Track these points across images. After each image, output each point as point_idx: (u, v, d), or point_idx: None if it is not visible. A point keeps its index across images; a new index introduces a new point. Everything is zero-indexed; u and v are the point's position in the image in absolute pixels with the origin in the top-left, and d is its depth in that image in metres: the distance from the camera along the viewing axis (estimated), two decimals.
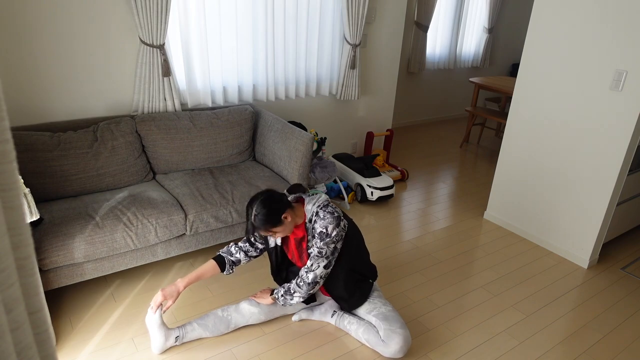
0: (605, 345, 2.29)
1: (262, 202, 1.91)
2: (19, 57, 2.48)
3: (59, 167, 2.43)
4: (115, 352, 2.04)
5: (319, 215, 2.00)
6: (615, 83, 2.59)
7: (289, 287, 2.08)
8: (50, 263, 2.07)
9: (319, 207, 2.02)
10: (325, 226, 1.97)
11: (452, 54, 5.92)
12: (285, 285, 2.11)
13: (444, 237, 3.22)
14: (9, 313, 0.59)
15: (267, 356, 2.07)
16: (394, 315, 2.10)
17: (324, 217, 1.98)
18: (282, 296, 2.10)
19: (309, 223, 2.03)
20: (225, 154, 3.02)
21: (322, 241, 1.98)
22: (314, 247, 2.00)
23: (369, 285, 2.20)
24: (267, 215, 1.90)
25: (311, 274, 2.02)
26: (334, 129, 4.10)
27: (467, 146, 5.31)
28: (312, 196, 2.09)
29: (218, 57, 3.14)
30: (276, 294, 2.12)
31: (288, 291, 2.08)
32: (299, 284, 2.05)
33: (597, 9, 2.62)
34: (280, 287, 2.14)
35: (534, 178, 3.14)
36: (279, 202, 1.94)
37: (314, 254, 2.01)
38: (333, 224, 1.98)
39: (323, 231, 1.97)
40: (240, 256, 2.17)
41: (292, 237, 2.12)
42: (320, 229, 1.98)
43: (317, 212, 2.01)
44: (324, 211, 2.00)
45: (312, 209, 2.02)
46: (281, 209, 1.94)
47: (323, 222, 1.98)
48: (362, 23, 3.65)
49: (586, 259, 2.93)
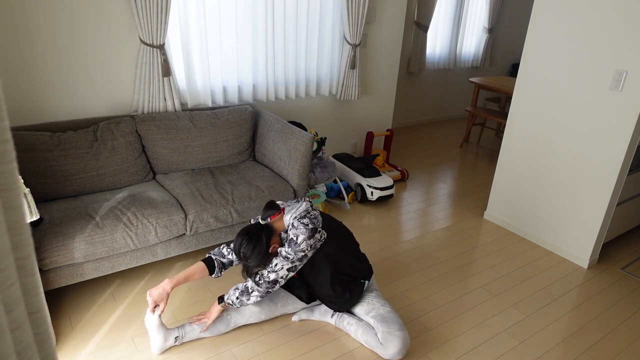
0: (605, 345, 2.29)
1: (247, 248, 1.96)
2: (19, 57, 2.48)
3: (59, 167, 2.43)
4: (115, 352, 2.04)
5: (294, 225, 2.02)
6: (615, 83, 2.59)
7: (246, 287, 2.04)
8: (50, 263, 2.07)
9: (294, 218, 2.03)
10: (296, 235, 1.99)
11: (452, 54, 5.92)
12: (240, 285, 2.06)
13: (444, 237, 3.22)
14: (9, 313, 0.59)
15: (267, 356, 2.07)
16: (393, 317, 2.09)
17: (297, 227, 2.00)
18: (237, 298, 2.04)
19: (284, 233, 2.06)
20: (225, 154, 3.02)
21: (290, 248, 2.00)
22: (283, 249, 2.02)
23: (359, 285, 2.19)
24: (259, 257, 1.98)
25: (273, 274, 2.01)
26: (334, 129, 4.10)
27: (467, 146, 5.31)
28: (293, 205, 2.10)
29: (218, 57, 3.14)
30: (229, 299, 2.06)
31: (245, 291, 2.04)
32: (258, 282, 2.02)
33: (597, 9, 2.62)
34: (231, 290, 2.08)
35: (534, 178, 3.14)
36: (260, 238, 1.98)
37: (281, 255, 2.01)
38: (305, 235, 1.98)
39: (293, 239, 1.99)
40: (233, 257, 2.17)
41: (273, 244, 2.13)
42: (291, 236, 2.01)
43: (292, 223, 2.03)
44: (298, 221, 2.01)
45: (289, 220, 2.05)
46: (266, 243, 1.98)
47: (295, 231, 2.00)
48: (362, 23, 3.65)
49: (586, 259, 2.93)
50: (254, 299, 2.04)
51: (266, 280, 2.01)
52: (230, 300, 2.05)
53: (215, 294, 2.46)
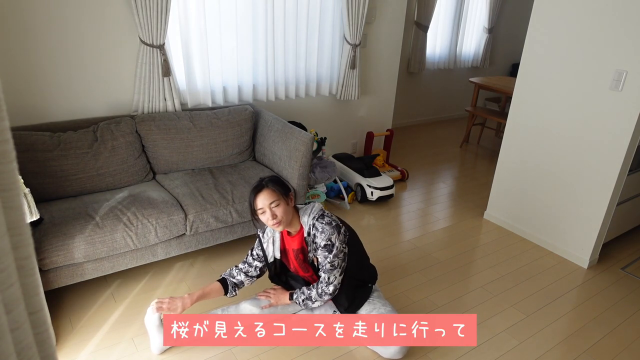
0: (605, 345, 2.29)
1: (273, 176, 2.01)
2: (19, 57, 2.48)
3: (59, 167, 2.43)
4: (115, 352, 2.04)
5: (317, 228, 2.00)
6: (615, 83, 2.59)
7: (310, 295, 2.08)
8: (50, 263, 2.07)
9: (314, 219, 2.01)
10: (329, 238, 1.97)
11: (452, 54, 5.92)
12: (305, 291, 2.09)
13: (444, 237, 3.22)
14: (9, 313, 0.59)
15: (267, 356, 2.07)
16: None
17: (323, 230, 1.98)
18: (303, 301, 2.10)
19: (307, 236, 2.03)
20: (225, 154, 3.02)
21: (331, 253, 1.99)
22: (325, 261, 2.01)
23: (367, 289, 2.20)
24: (279, 181, 1.98)
25: (331, 286, 2.04)
26: (334, 129, 4.10)
27: (467, 146, 5.31)
28: (305, 207, 2.09)
29: (218, 57, 3.14)
30: (297, 299, 2.12)
31: (309, 298, 2.08)
32: (320, 294, 2.06)
33: (597, 9, 2.62)
34: (298, 291, 2.12)
35: (534, 178, 3.14)
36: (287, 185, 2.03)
37: (327, 267, 2.01)
38: (335, 234, 1.98)
39: (328, 244, 1.98)
40: (242, 277, 2.18)
41: (290, 249, 2.12)
42: (324, 242, 1.98)
43: (313, 224, 2.01)
44: (320, 223, 2.00)
45: (308, 222, 2.02)
46: (288, 187, 2.01)
47: (324, 235, 1.97)
48: (362, 23, 3.65)
49: (586, 259, 2.93)
50: (317, 304, 2.10)
51: (327, 293, 2.06)
52: (298, 300, 2.11)
53: None
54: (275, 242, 2.13)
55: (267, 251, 2.15)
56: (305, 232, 2.03)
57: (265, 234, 2.14)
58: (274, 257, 2.15)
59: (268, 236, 2.13)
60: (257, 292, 2.25)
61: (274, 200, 1.93)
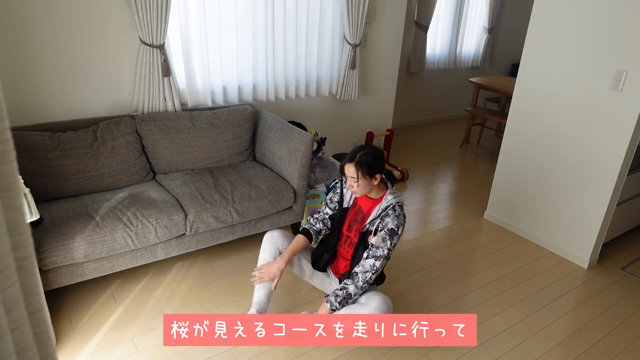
0: (605, 345, 2.29)
1: (374, 152, 2.03)
2: (19, 57, 2.48)
3: (59, 167, 2.43)
4: (115, 352, 2.04)
5: (395, 211, 2.05)
6: (615, 83, 2.59)
7: (348, 293, 2.05)
8: (50, 263, 2.07)
9: (397, 202, 2.08)
10: (398, 225, 2.03)
11: (452, 54, 5.92)
12: (340, 293, 2.05)
13: (444, 237, 3.22)
14: (9, 313, 0.59)
15: (267, 356, 2.07)
16: (376, 289, 2.17)
17: (399, 216, 2.05)
18: (339, 303, 2.04)
19: (383, 210, 2.08)
20: (225, 154, 3.02)
21: (392, 240, 2.03)
22: (383, 245, 2.03)
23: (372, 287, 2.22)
24: (372, 162, 2.01)
25: (374, 275, 2.05)
26: (334, 129, 4.10)
27: (467, 146, 5.31)
28: (394, 190, 2.15)
29: (218, 57, 3.14)
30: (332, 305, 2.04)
31: (348, 296, 2.05)
32: (362, 286, 2.04)
33: (597, 9, 2.62)
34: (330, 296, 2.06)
35: (534, 178, 3.14)
36: (382, 163, 2.06)
37: (382, 254, 2.03)
38: (402, 226, 2.06)
39: (394, 229, 2.03)
40: (320, 226, 2.25)
41: (359, 205, 2.18)
42: (392, 226, 2.03)
43: (394, 206, 2.06)
44: (400, 209, 2.07)
45: (391, 200, 2.08)
46: (381, 167, 2.05)
47: (397, 221, 2.03)
48: (362, 23, 3.65)
49: (586, 259, 2.93)
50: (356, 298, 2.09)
51: (369, 282, 2.06)
52: (335, 307, 2.05)
53: (215, 294, 2.46)
54: None
55: (345, 196, 2.23)
56: (384, 206, 2.08)
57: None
58: (348, 204, 2.22)
59: None
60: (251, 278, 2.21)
61: (353, 177, 2.03)
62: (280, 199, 2.77)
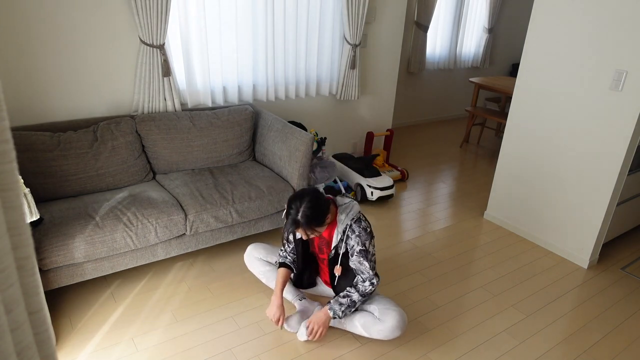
0: (605, 345, 2.29)
1: (311, 201, 1.92)
2: (19, 57, 2.48)
3: (59, 167, 2.43)
4: (115, 352, 2.04)
5: (354, 231, 2.03)
6: (615, 83, 2.59)
7: (352, 300, 2.06)
8: (50, 263, 2.07)
9: (352, 220, 2.04)
10: (364, 243, 2.02)
11: (452, 54, 5.92)
12: (343, 301, 2.07)
13: (444, 237, 3.22)
14: (9, 313, 0.59)
15: (267, 356, 2.07)
16: (388, 299, 2.16)
17: (360, 234, 2.02)
18: (343, 312, 2.07)
19: (341, 234, 2.05)
20: (225, 154, 3.02)
21: (366, 259, 2.03)
22: (361, 267, 2.04)
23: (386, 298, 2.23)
24: (315, 215, 1.91)
25: (371, 287, 2.06)
26: (334, 129, 4.10)
27: (467, 146, 5.31)
28: (345, 204, 2.09)
29: (218, 57, 3.14)
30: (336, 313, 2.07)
31: (352, 304, 2.07)
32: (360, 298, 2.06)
33: (597, 9, 2.62)
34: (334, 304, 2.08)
35: (534, 178, 3.14)
36: (325, 203, 1.97)
37: (367, 276, 2.04)
38: (368, 240, 2.04)
39: (363, 249, 2.02)
40: (292, 256, 2.27)
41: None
42: (359, 247, 2.02)
43: (350, 225, 2.03)
44: (358, 227, 2.03)
45: (345, 221, 2.04)
46: (326, 211, 1.96)
47: (360, 240, 2.02)
48: (362, 23, 3.65)
49: (586, 259, 2.93)
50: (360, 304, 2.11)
51: (368, 294, 2.07)
52: (338, 315, 2.07)
53: (215, 294, 2.46)
54: None
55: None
56: (340, 230, 2.05)
57: None
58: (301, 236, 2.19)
59: None
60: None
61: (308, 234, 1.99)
62: (280, 199, 2.77)
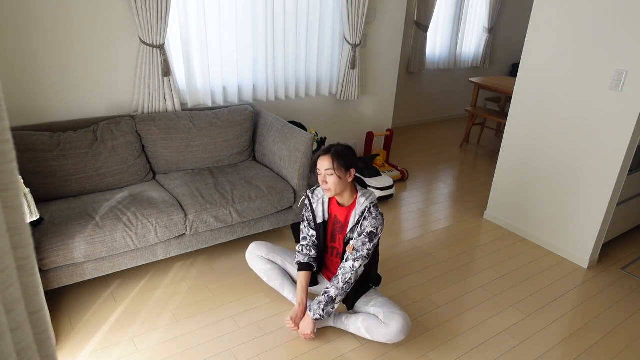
0: (605, 345, 2.29)
1: (348, 147, 2.07)
2: (19, 58, 2.48)
3: (59, 167, 2.43)
4: (115, 352, 2.04)
5: (371, 213, 2.05)
6: (615, 83, 2.59)
7: (330, 297, 2.06)
8: (50, 263, 2.07)
9: (372, 203, 2.08)
10: (377, 227, 2.04)
11: (452, 54, 5.92)
12: (322, 298, 2.08)
13: (444, 237, 3.22)
14: (9, 313, 0.59)
15: (267, 356, 2.07)
16: (392, 302, 2.15)
17: (376, 217, 2.05)
18: (323, 310, 2.07)
19: (359, 215, 2.08)
20: (225, 154, 3.02)
21: (371, 242, 2.04)
22: (363, 247, 2.04)
23: (367, 288, 2.23)
24: (346, 155, 2.03)
25: (354, 274, 2.06)
26: (334, 129, 4.10)
27: (467, 146, 5.31)
28: (365, 190, 2.14)
29: (218, 57, 3.14)
30: (316, 313, 2.07)
31: (331, 300, 2.07)
32: (342, 287, 2.06)
33: (597, 9, 2.62)
34: (313, 304, 2.09)
35: (534, 178, 3.14)
36: (355, 160, 2.09)
37: (361, 254, 2.04)
38: (380, 226, 2.06)
39: (374, 231, 2.04)
40: (314, 251, 2.24)
41: (334, 215, 2.17)
42: (371, 229, 2.04)
43: (369, 208, 2.06)
44: (376, 210, 2.07)
45: (364, 203, 2.08)
46: (353, 164, 2.06)
47: (375, 222, 2.04)
48: (362, 23, 3.65)
49: (586, 259, 2.93)
50: (337, 305, 2.11)
51: (349, 283, 2.07)
52: (319, 314, 2.08)
53: (215, 294, 2.46)
54: (325, 203, 2.19)
55: (317, 211, 2.20)
56: (359, 212, 2.08)
57: (315, 194, 2.22)
58: (323, 218, 2.19)
59: (318, 197, 2.20)
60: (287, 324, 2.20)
61: (329, 168, 2.02)
62: (280, 199, 2.77)
